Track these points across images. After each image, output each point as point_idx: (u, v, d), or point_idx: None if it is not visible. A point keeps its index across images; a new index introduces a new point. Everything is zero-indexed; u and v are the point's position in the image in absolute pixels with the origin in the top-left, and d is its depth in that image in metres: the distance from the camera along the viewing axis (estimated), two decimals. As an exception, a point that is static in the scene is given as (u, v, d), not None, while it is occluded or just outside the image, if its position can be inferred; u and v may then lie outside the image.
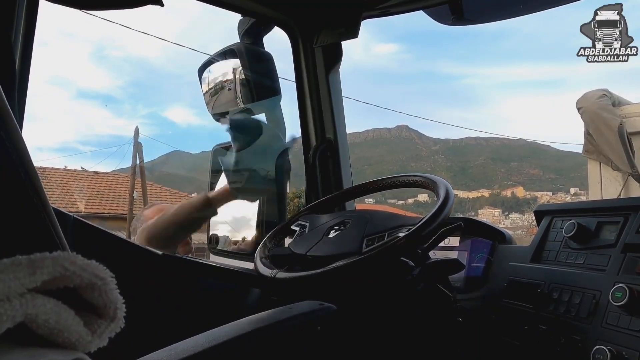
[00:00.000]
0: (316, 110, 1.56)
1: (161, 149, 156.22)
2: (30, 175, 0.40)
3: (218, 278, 1.31)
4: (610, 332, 0.81)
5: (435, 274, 1.00)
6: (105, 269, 0.30)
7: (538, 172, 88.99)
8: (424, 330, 1.03)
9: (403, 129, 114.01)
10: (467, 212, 54.54)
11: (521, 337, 0.96)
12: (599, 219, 0.96)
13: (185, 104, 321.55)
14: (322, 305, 0.94)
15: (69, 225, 1.04)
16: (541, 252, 1.05)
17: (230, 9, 1.44)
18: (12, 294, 0.26)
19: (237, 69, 1.50)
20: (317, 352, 0.94)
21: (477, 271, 1.16)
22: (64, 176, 14.87)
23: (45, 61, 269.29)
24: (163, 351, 0.74)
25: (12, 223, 0.40)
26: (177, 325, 1.08)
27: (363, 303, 1.05)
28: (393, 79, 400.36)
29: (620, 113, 3.33)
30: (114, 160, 37.57)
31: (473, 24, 1.46)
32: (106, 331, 0.30)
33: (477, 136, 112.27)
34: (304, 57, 1.55)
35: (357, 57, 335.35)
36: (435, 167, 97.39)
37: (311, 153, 1.55)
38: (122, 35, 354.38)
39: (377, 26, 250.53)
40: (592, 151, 3.46)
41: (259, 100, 1.50)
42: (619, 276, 0.85)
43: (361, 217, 1.12)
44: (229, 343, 0.78)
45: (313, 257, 1.05)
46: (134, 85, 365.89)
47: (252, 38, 1.51)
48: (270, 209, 1.53)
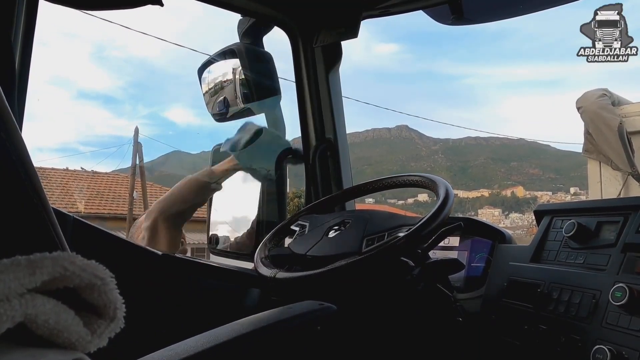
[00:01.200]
0: (316, 110, 1.56)
1: (161, 149, 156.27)
2: (30, 175, 0.40)
3: (218, 278, 1.31)
4: (610, 331, 0.81)
5: (435, 274, 0.99)
6: (105, 269, 0.30)
7: (538, 171, 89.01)
8: (424, 330, 1.03)
9: (403, 129, 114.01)
10: (467, 211, 54.59)
11: (521, 337, 0.96)
12: (598, 219, 0.96)
13: (186, 104, 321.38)
14: (322, 305, 0.94)
15: (68, 225, 1.04)
16: (541, 251, 1.04)
17: (230, 9, 1.44)
18: (12, 294, 0.26)
19: (236, 69, 1.50)
20: (317, 352, 0.94)
21: (477, 271, 1.16)
22: (64, 176, 14.88)
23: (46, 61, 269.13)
24: (163, 351, 0.74)
25: (12, 223, 0.40)
26: (177, 325, 1.08)
27: (363, 303, 1.05)
28: (393, 79, 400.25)
29: (620, 112, 3.33)
30: (114, 160, 37.57)
31: (473, 23, 1.46)
32: (106, 331, 0.30)
33: (477, 136, 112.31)
34: (303, 57, 1.55)
35: (357, 57, 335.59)
36: (435, 167, 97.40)
37: (311, 153, 1.55)
38: (123, 36, 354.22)
39: (378, 26, 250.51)
40: (592, 151, 3.46)
41: (259, 100, 1.50)
42: (618, 276, 0.85)
43: (361, 217, 1.12)
44: (229, 343, 0.78)
45: (313, 257, 1.05)
46: (135, 85, 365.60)
47: (252, 38, 1.51)
48: (270, 209, 1.53)
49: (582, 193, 41.06)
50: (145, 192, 12.55)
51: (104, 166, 49.69)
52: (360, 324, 1.04)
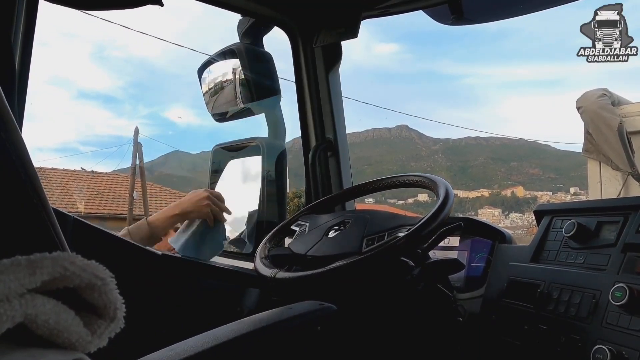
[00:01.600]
0: (316, 110, 1.56)
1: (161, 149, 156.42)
2: (30, 176, 0.40)
3: (218, 278, 1.31)
4: (610, 331, 0.81)
5: (435, 274, 0.99)
6: (105, 269, 0.30)
7: (538, 171, 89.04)
8: (424, 330, 1.03)
9: (403, 129, 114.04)
10: (467, 211, 54.62)
11: (521, 337, 0.96)
12: (598, 219, 0.96)
13: (186, 104, 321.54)
14: (322, 306, 0.94)
15: (68, 225, 1.04)
16: (541, 251, 1.04)
17: (230, 9, 1.44)
18: (12, 294, 0.26)
19: (236, 69, 1.50)
20: (317, 352, 0.94)
21: (477, 271, 1.16)
22: (64, 176, 14.88)
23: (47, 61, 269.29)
24: (163, 351, 0.74)
25: (12, 223, 0.40)
26: (177, 325, 1.08)
27: (363, 303, 1.05)
28: (394, 78, 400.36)
29: (619, 112, 3.32)
30: (114, 160, 37.58)
31: (472, 23, 1.46)
32: (106, 331, 0.30)
33: (477, 136, 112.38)
34: (303, 57, 1.55)
35: (358, 57, 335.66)
36: (435, 167, 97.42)
37: (311, 153, 1.55)
38: (124, 36, 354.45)
39: (379, 26, 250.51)
40: (591, 150, 3.46)
41: (259, 100, 1.50)
42: (618, 276, 0.85)
43: (361, 217, 1.12)
44: (229, 343, 0.78)
45: (313, 257, 1.05)
46: (135, 85, 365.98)
47: (252, 38, 1.51)
48: (270, 209, 1.53)
49: (582, 193, 41.09)
50: (145, 192, 12.55)
51: (104, 166, 49.75)
52: (361, 324, 1.04)
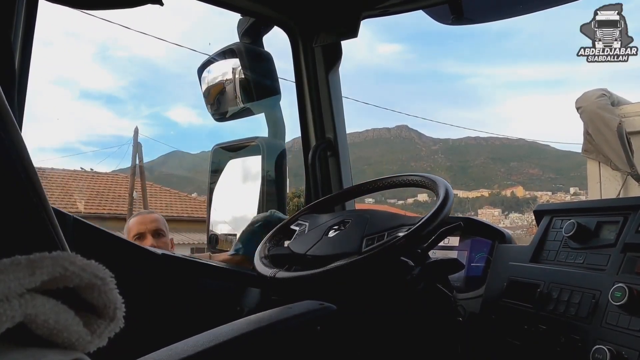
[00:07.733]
0: (316, 110, 1.56)
1: (161, 149, 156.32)
2: (30, 175, 0.40)
3: (218, 278, 1.31)
4: (610, 331, 0.81)
5: (435, 274, 0.99)
6: (105, 269, 0.30)
7: (538, 171, 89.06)
8: (424, 330, 1.03)
9: (403, 129, 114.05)
10: (466, 211, 54.62)
11: (521, 336, 0.96)
12: (598, 219, 0.96)
13: (188, 104, 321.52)
14: (322, 305, 0.94)
15: (68, 225, 1.04)
16: (541, 251, 1.04)
17: (230, 9, 1.44)
18: (12, 294, 0.26)
19: (236, 68, 1.50)
20: (317, 352, 0.94)
21: (477, 271, 1.16)
22: (64, 176, 14.87)
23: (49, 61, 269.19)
24: (163, 351, 0.74)
25: (12, 223, 0.40)
26: (177, 325, 1.08)
27: (363, 303, 1.05)
28: (397, 78, 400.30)
29: (619, 112, 3.33)
30: (114, 160, 37.58)
31: (473, 23, 1.46)
32: (106, 331, 0.30)
33: (477, 136, 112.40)
34: (303, 57, 1.55)
35: (361, 57, 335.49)
36: (435, 166, 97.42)
37: (311, 153, 1.55)
38: (126, 36, 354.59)
39: (382, 26, 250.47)
40: (591, 151, 3.46)
41: (259, 100, 1.50)
42: (618, 276, 0.85)
43: (361, 217, 1.12)
44: (229, 343, 0.78)
45: (313, 256, 1.05)
46: (137, 85, 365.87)
47: (252, 38, 1.51)
48: (270, 208, 1.53)
49: (581, 193, 41.08)
50: (145, 192, 12.55)
51: (104, 166, 49.73)
52: (360, 324, 1.04)
